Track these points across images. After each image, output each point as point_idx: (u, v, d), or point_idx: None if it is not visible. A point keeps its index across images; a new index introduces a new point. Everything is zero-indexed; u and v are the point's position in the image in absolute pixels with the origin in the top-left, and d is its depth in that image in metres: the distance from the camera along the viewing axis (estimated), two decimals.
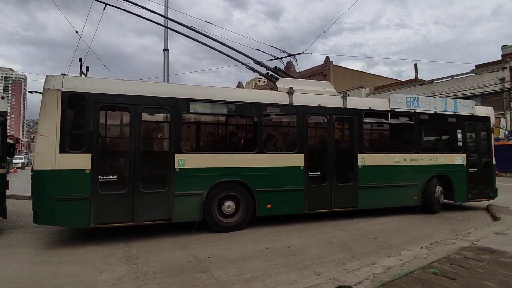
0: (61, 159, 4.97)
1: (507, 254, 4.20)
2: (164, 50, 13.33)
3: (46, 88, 5.03)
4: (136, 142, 5.45)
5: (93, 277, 3.71)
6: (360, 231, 5.98)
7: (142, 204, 5.33)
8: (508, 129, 21.95)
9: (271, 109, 6.60)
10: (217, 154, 6.15)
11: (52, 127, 4.97)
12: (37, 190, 4.93)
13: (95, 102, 5.20)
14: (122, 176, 5.39)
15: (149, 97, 5.57)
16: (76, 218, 5.05)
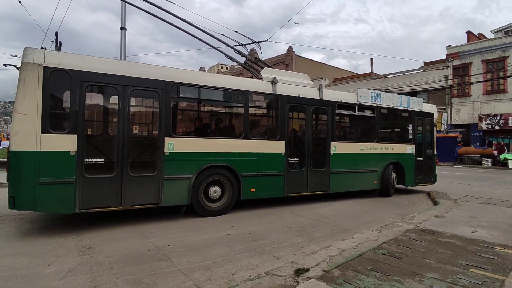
0: (43, 139, 4.61)
1: (445, 234, 4.67)
2: (121, 29, 12.50)
3: (25, 62, 4.57)
4: (125, 124, 5.23)
5: (40, 270, 3.45)
6: (317, 216, 6.25)
7: (131, 188, 5.22)
8: (448, 123, 24.15)
9: (256, 97, 6.81)
10: (206, 139, 6.17)
11: (32, 104, 4.57)
12: (15, 173, 4.51)
13: (81, 80, 4.89)
14: (109, 159, 5.18)
15: (138, 79, 5.35)
16: (60, 203, 4.74)
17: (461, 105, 23.77)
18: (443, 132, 22.78)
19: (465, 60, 23.57)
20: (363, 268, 3.34)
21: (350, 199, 8.16)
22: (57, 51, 4.93)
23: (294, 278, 3.11)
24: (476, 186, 10.99)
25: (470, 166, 20.14)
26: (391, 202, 8.04)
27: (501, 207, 6.95)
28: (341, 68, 43.27)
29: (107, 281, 3.18)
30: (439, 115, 24.45)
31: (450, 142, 21.86)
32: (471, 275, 3.20)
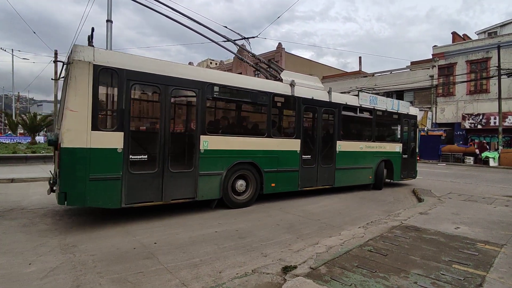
0: (93, 136, 4.76)
1: (429, 231, 4.77)
2: (107, 21, 12.20)
3: (76, 60, 4.65)
4: (166, 122, 5.50)
5: (21, 269, 3.34)
6: (305, 213, 6.28)
7: (170, 184, 5.50)
8: (433, 122, 24.70)
9: (277, 98, 7.26)
10: (235, 137, 6.53)
11: (83, 102, 4.68)
12: (67, 169, 4.60)
13: (127, 79, 5.05)
14: (152, 156, 5.39)
15: (178, 79, 5.61)
16: (108, 198, 4.93)
17: (445, 104, 24.33)
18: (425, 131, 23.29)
19: (450, 60, 24.09)
20: (349, 265, 3.37)
21: (338, 196, 8.26)
22: (105, 50, 5.09)
23: (282, 276, 3.11)
24: (458, 183, 11.28)
25: (453, 164, 20.67)
26: (378, 199, 8.16)
27: (483, 204, 7.15)
28: (330, 66, 43.58)
29: (90, 280, 3.11)
30: (424, 113, 24.98)
31: (435, 140, 22.37)
32: (454, 271, 3.27)
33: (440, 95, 24.62)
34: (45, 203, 6.47)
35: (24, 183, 8.83)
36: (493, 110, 21.46)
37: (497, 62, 20.37)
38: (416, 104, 25.86)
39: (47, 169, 11.06)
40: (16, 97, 36.69)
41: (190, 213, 6.00)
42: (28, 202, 6.54)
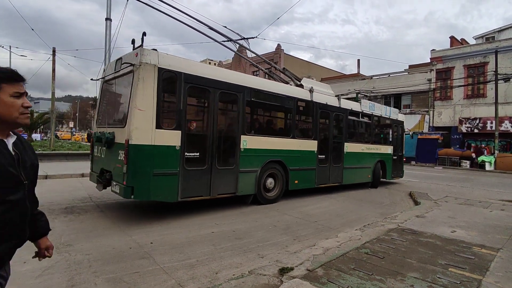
0: (157, 134, 5.12)
1: (425, 234, 4.78)
2: (106, 20, 12.16)
3: (144, 62, 5.02)
4: (214, 123, 5.98)
5: (15, 267, 3.28)
6: (302, 215, 6.28)
7: (217, 180, 5.97)
8: (430, 125, 24.81)
9: (300, 103, 7.92)
10: (268, 137, 7.12)
11: (149, 102, 5.06)
12: (134, 165, 4.94)
13: (184, 81, 5.45)
14: (202, 154, 5.82)
15: (225, 83, 6.12)
16: (167, 192, 5.30)
17: (442, 108, 24.46)
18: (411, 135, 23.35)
19: (448, 64, 24.24)
20: (346, 267, 3.37)
21: (335, 198, 8.27)
22: (167, 54, 5.40)
23: (278, 277, 3.10)
24: (455, 187, 11.33)
25: (449, 168, 20.77)
26: (375, 201, 8.18)
27: (479, 207, 7.19)
28: (328, 68, 43.72)
29: (86, 280, 3.08)
30: (421, 116, 25.10)
31: (431, 144, 22.46)
32: (450, 275, 3.28)
33: (437, 99, 24.75)
34: (41, 201, 6.29)
35: None
36: (489, 115, 21.60)
37: (494, 67, 20.51)
38: (413, 108, 25.98)
39: (43, 167, 10.99)
40: None
41: (187, 213, 5.98)
42: None
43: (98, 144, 6.12)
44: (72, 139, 35.91)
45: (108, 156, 5.68)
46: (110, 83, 6.24)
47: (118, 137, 5.36)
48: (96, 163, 6.26)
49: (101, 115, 6.50)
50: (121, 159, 5.09)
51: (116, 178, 5.33)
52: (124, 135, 5.05)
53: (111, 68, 6.14)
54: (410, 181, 12.70)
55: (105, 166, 5.78)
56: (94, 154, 6.41)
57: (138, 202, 6.73)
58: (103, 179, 5.60)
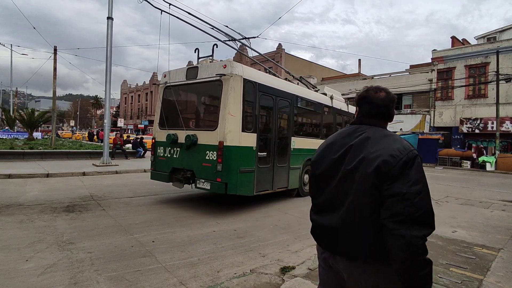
0: (242, 137, 5.89)
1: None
2: (108, 19, 12.16)
3: (234, 74, 5.78)
4: (276, 126, 6.90)
5: (18, 265, 3.32)
6: (303, 214, 6.28)
7: (277, 176, 6.89)
8: (431, 125, 24.79)
9: (325, 108, 9.02)
10: (307, 138, 8.11)
11: (238, 108, 5.82)
12: (228, 164, 5.64)
13: (258, 90, 6.28)
14: (268, 153, 6.66)
15: (282, 91, 7.08)
16: (247, 187, 6.04)
17: (443, 108, 24.42)
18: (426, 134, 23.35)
19: (449, 65, 24.19)
20: None
21: None
22: (247, 66, 6.18)
23: (280, 276, 3.11)
24: (456, 187, 11.33)
25: (450, 168, 20.75)
26: None
27: (479, 208, 7.19)
28: (329, 68, 43.68)
29: (88, 278, 3.10)
30: (422, 116, 25.07)
31: (432, 144, 22.44)
32: (451, 274, 3.28)
33: (438, 99, 24.71)
34: (42, 199, 6.44)
35: (21, 179, 8.78)
36: (490, 115, 21.57)
37: (495, 67, 20.47)
38: (414, 108, 25.96)
39: (44, 165, 11.02)
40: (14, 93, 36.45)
41: (189, 212, 5.99)
42: (25, 198, 6.50)
43: (168, 145, 6.61)
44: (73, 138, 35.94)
45: (188, 156, 6.24)
46: (182, 89, 6.88)
47: (202, 139, 6.04)
48: (165, 163, 6.73)
49: (168, 118, 6.86)
50: (209, 159, 5.84)
51: (203, 176, 5.95)
52: (213, 138, 5.80)
53: (179, 75, 6.74)
54: None
55: (183, 165, 6.34)
56: (158, 154, 6.92)
57: (139, 201, 6.75)
58: (182, 177, 6.22)
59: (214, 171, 5.72)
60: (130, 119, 67.62)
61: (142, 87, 65.97)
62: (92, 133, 33.38)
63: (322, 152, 1.55)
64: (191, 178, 6.19)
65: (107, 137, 12.70)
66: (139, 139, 18.10)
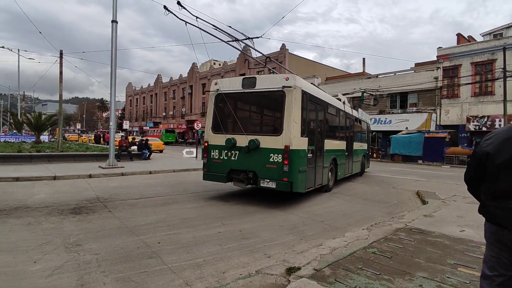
0: (301, 140, 6.74)
1: (433, 234, 4.73)
2: (112, 22, 12.26)
3: (296, 86, 6.59)
4: (317, 130, 7.86)
5: (26, 267, 3.36)
6: (308, 214, 6.27)
7: (317, 174, 7.79)
8: (437, 124, 24.54)
9: (341, 112, 10.27)
10: (333, 140, 9.15)
11: (299, 116, 6.64)
12: (293, 165, 6.42)
13: (309, 100, 7.15)
14: (313, 155, 7.44)
15: (320, 99, 8.07)
16: (302, 185, 6.82)
17: (450, 106, 24.17)
18: (433, 132, 23.10)
19: (455, 62, 23.94)
20: (354, 267, 3.35)
21: (341, 198, 8.23)
22: (300, 77, 6.93)
23: (286, 277, 3.10)
24: (463, 186, 11.06)
25: (457, 166, 20.51)
26: (381, 201, 8.12)
27: None
28: (333, 67, 43.53)
29: (95, 279, 3.12)
30: (428, 115, 24.83)
31: (439, 142, 22.21)
32: (459, 274, 3.24)
33: (444, 97, 24.47)
34: (50, 202, 6.51)
35: (29, 182, 8.89)
36: (498, 112, 21.28)
37: (502, 64, 20.20)
38: (420, 106, 25.73)
39: (51, 168, 11.14)
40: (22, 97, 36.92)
41: (194, 213, 6.01)
42: (33, 201, 6.58)
43: (225, 149, 7.14)
44: (80, 141, 36.28)
45: (249, 159, 6.84)
46: (237, 97, 7.48)
47: (265, 143, 6.69)
48: (221, 165, 7.25)
49: (224, 123, 7.44)
50: (273, 161, 6.53)
51: (267, 176, 6.61)
52: (277, 142, 6.52)
53: (233, 84, 7.34)
54: (418, 180, 12.58)
55: (243, 167, 6.92)
56: (212, 157, 7.38)
57: (145, 202, 6.79)
58: (244, 178, 6.82)
59: (280, 172, 6.42)
60: (135, 121, 68.07)
61: (146, 89, 66.41)
62: (98, 136, 33.67)
63: (499, 146, 1.80)
64: (253, 178, 6.79)
65: (113, 139, 12.79)
66: (145, 141, 18.19)
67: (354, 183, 11.05)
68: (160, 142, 26.90)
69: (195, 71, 51.52)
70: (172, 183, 9.83)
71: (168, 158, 19.40)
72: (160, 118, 59.49)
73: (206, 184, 9.73)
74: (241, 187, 7.21)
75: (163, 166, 13.86)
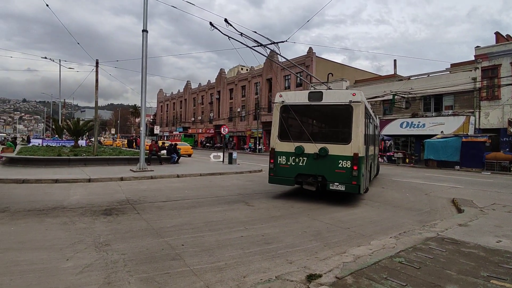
0: (363, 149, 7.56)
1: (468, 244, 4.43)
2: (143, 31, 12.81)
3: (362, 101, 7.53)
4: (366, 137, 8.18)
5: (59, 264, 3.57)
6: (334, 221, 6.12)
7: (365, 177, 8.22)
8: (476, 127, 23.06)
9: (371, 119, 10.55)
10: (370, 146, 9.76)
11: (363, 126, 7.67)
12: (359, 170, 7.28)
13: (364, 112, 7.84)
14: (366, 161, 8.15)
15: (368, 110, 9.09)
16: (363, 187, 7.70)
17: (490, 109, 22.65)
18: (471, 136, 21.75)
19: (494, 62, 22.45)
20: (378, 277, 3.22)
21: (369, 204, 7.96)
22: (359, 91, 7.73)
23: (306, 284, 3.04)
24: (504, 193, 10.40)
25: (498, 173, 19.10)
26: (412, 208, 7.75)
27: None
28: (363, 70, 42.41)
29: (120, 278, 3.24)
30: (466, 118, 23.42)
31: (478, 147, 20.83)
32: (491, 287, 3.01)
33: (483, 99, 22.97)
34: (84, 203, 6.88)
35: (66, 184, 9.47)
36: None
37: None
38: (456, 109, 24.35)
39: (87, 171, 11.78)
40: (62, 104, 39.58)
41: (218, 216, 6.08)
42: (69, 202, 6.99)
43: (293, 155, 7.90)
44: (114, 145, 38.11)
45: (318, 164, 7.62)
46: (303, 109, 8.13)
47: (333, 151, 7.45)
48: (288, 170, 7.99)
49: (291, 132, 8.14)
50: (342, 167, 7.32)
51: (336, 180, 7.39)
52: (346, 150, 7.33)
53: (299, 97, 8.12)
54: (454, 187, 11.86)
55: (312, 172, 7.69)
56: (279, 162, 8.09)
57: (171, 205, 6.97)
58: (313, 182, 7.67)
59: (350, 176, 7.22)
60: (165, 126, 70.38)
61: (176, 95, 68.57)
62: (131, 140, 35.16)
63: None
64: (321, 182, 7.58)
65: (143, 144, 13.32)
66: (173, 145, 18.74)
67: (383, 190, 10.55)
68: (188, 147, 27.58)
69: (223, 77, 52.45)
70: (198, 186, 10.03)
71: (196, 162, 19.84)
72: (189, 123, 61.07)
73: (231, 188, 9.83)
74: (311, 189, 7.82)
75: (190, 170, 14.19)
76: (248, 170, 15.21)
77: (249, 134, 44.85)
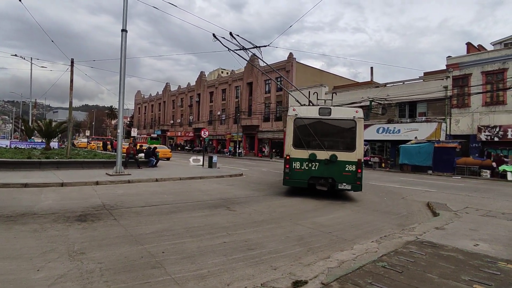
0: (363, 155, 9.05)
1: (446, 248, 4.56)
2: (122, 31, 12.45)
3: (362, 117, 9.08)
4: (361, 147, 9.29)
5: (29, 275, 3.32)
6: (316, 225, 6.13)
7: None
8: (447, 134, 24.14)
9: None
10: None
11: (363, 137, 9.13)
12: (362, 173, 8.94)
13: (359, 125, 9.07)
14: None
15: None
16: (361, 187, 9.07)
17: (460, 116, 23.79)
18: (443, 142, 22.73)
19: (465, 71, 23.65)
20: (363, 282, 3.22)
21: (349, 208, 8.07)
22: None
23: None
24: (475, 197, 10.89)
25: (468, 177, 20.05)
26: (391, 212, 7.93)
27: (502, 219, 6.85)
28: (341, 76, 43.42)
29: None
30: (438, 124, 24.47)
31: (449, 152, 21.79)
32: None
33: (454, 106, 24.11)
34: (56, 208, 6.51)
35: (37, 188, 8.95)
36: (510, 122, 20.86)
37: None
38: (429, 115, 25.39)
39: (59, 175, 11.22)
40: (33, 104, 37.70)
41: (199, 222, 5.93)
42: (40, 207, 6.59)
43: (307, 161, 9.18)
44: (88, 147, 36.69)
45: (328, 168, 9.04)
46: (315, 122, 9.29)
47: (341, 157, 8.94)
48: (302, 173, 9.25)
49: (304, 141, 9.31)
50: (348, 170, 8.86)
51: (344, 181, 8.91)
52: (351, 156, 8.89)
53: (310, 112, 9.42)
54: (428, 191, 12.30)
55: (323, 175, 9.08)
56: (294, 167, 9.29)
57: (150, 210, 6.74)
58: (325, 183, 9.04)
59: (355, 178, 8.84)
60: (143, 129, 68.71)
61: (155, 97, 67.18)
62: (106, 143, 33.99)
63: None
64: (331, 183, 9.01)
65: (120, 146, 12.88)
66: (152, 148, 18.27)
67: (362, 194, 10.65)
68: (167, 150, 27.01)
69: (203, 80, 52.00)
70: (178, 191, 9.80)
71: (175, 165, 19.43)
72: (168, 126, 59.96)
73: (211, 192, 9.68)
74: (323, 189, 9.15)
75: (169, 173, 13.86)
76: (229, 174, 15.07)
77: (229, 138, 44.64)
